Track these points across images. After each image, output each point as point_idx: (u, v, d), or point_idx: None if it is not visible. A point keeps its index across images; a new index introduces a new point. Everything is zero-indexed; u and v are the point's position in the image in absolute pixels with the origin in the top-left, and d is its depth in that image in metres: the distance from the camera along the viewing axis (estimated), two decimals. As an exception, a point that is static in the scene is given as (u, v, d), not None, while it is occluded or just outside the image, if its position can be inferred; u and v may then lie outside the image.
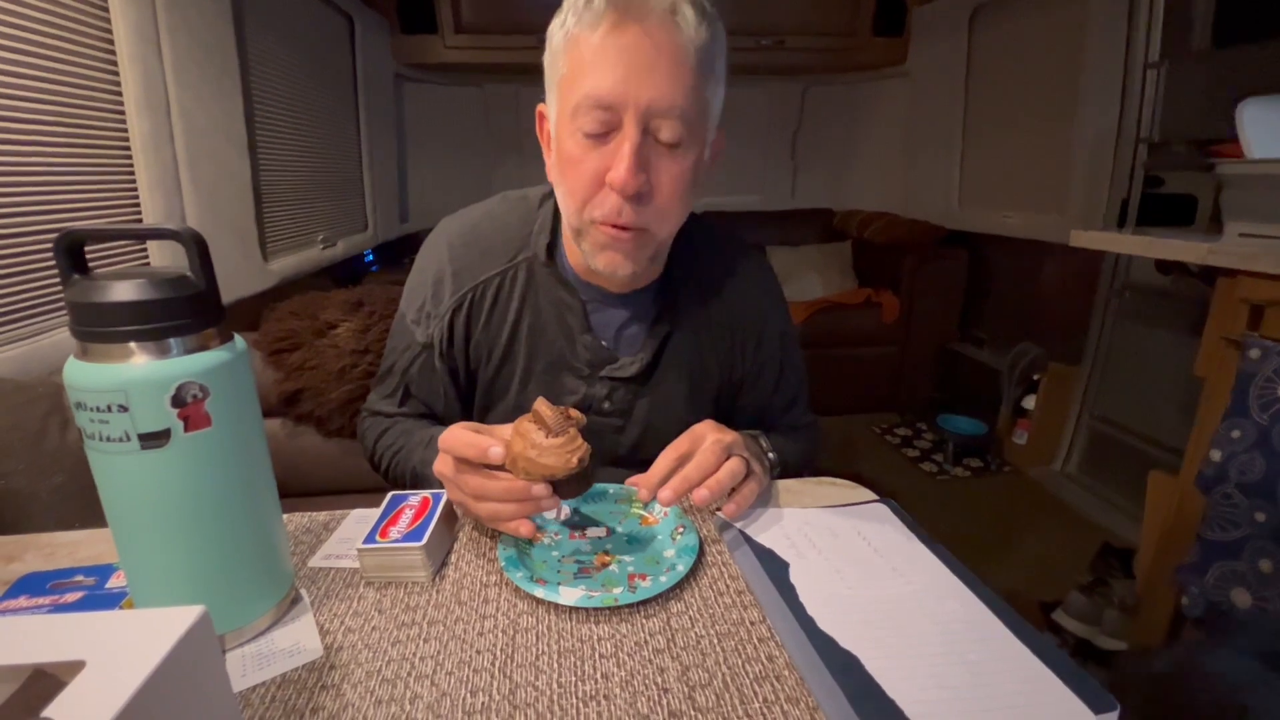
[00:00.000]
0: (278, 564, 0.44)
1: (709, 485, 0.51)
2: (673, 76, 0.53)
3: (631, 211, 0.56)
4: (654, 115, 0.53)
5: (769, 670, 0.40)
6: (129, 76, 1.11)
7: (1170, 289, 1.81)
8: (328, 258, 1.95)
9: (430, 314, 0.68)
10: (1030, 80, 2.16)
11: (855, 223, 2.95)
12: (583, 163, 0.55)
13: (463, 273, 0.68)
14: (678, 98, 0.53)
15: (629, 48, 0.52)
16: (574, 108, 0.54)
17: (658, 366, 0.70)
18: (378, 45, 2.35)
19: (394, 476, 0.69)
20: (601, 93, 0.52)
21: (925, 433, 2.52)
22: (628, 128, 0.53)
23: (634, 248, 0.59)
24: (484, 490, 0.49)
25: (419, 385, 0.71)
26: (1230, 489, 0.96)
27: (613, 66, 0.52)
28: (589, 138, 0.55)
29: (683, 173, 0.57)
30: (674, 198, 0.57)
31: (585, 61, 0.53)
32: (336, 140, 2.09)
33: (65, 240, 0.36)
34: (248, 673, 0.39)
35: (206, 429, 0.37)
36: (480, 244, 0.68)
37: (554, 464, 0.46)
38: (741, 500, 0.54)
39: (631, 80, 0.52)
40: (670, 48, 0.52)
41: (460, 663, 0.40)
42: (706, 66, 0.55)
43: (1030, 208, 2.20)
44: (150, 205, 1.17)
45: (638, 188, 0.54)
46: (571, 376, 0.69)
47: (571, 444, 0.47)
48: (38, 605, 0.43)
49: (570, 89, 0.55)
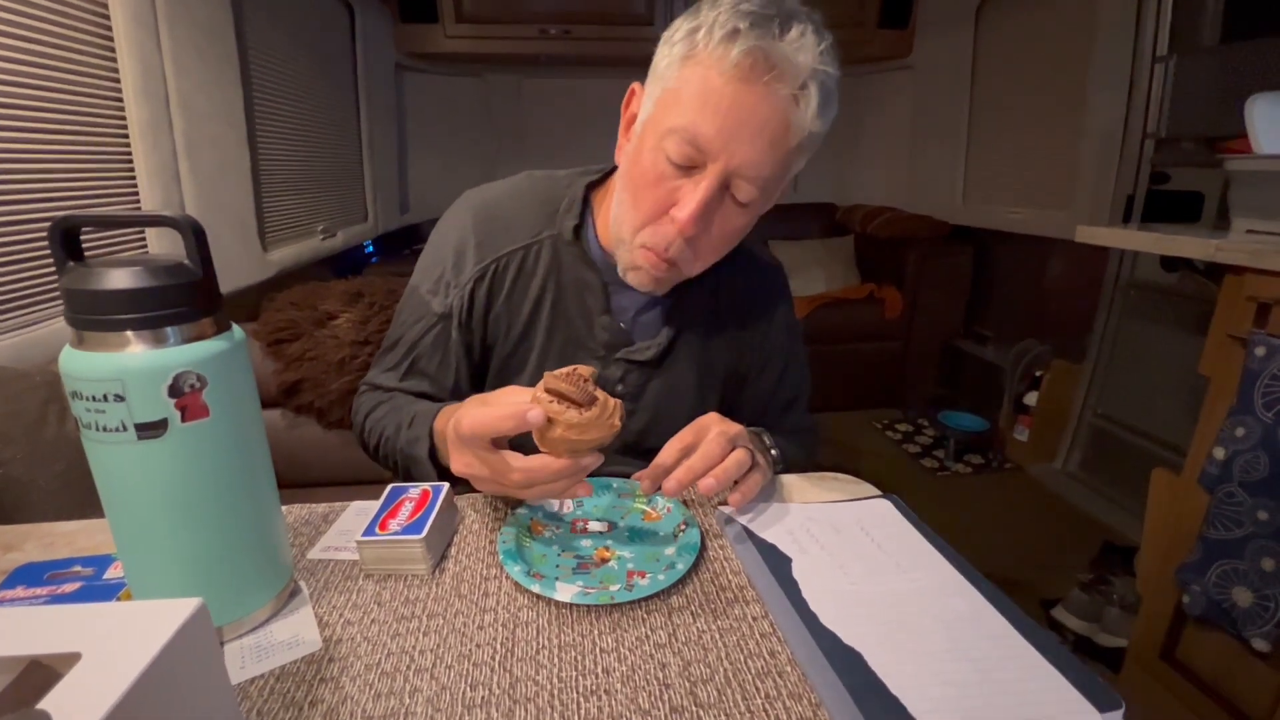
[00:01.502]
0: (276, 556, 0.44)
1: (715, 474, 0.51)
2: (771, 149, 0.54)
3: (679, 248, 0.58)
4: (738, 175, 0.55)
5: (771, 666, 0.39)
6: (127, 64, 1.10)
7: (1175, 286, 1.80)
8: (327, 248, 1.94)
9: (450, 283, 0.68)
10: (1036, 75, 2.14)
11: (859, 217, 2.93)
12: (656, 186, 0.57)
13: (485, 243, 0.68)
14: (766, 168, 0.55)
15: (746, 105, 0.52)
16: (668, 128, 0.55)
17: (671, 352, 0.70)
18: (378, 34, 2.33)
19: (384, 455, 0.66)
20: (700, 134, 0.53)
21: (927, 429, 2.52)
22: (709, 176, 0.55)
23: (666, 278, 0.62)
24: (532, 476, 0.47)
25: (429, 358, 0.69)
26: (1234, 487, 0.96)
27: (723, 114, 0.52)
28: (669, 163, 0.55)
29: (738, 228, 0.60)
30: (721, 245, 0.61)
31: (697, 91, 0.53)
32: (336, 130, 2.08)
33: (60, 226, 0.35)
34: (246, 665, 0.39)
35: (204, 419, 0.37)
36: (504, 218, 0.68)
37: (600, 435, 0.45)
38: (746, 491, 0.54)
39: (735, 136, 0.53)
40: (782, 122, 0.53)
41: (460, 656, 0.40)
42: (805, 148, 0.57)
43: (1035, 203, 2.18)
44: (149, 194, 1.16)
45: (696, 233, 0.57)
46: (587, 356, 0.69)
47: (605, 409, 0.45)
48: (35, 596, 0.43)
49: (672, 105, 0.55)
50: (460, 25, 2.49)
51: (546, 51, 2.54)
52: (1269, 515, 0.91)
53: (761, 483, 0.56)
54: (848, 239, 2.98)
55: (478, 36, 2.51)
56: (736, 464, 0.52)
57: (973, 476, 2.19)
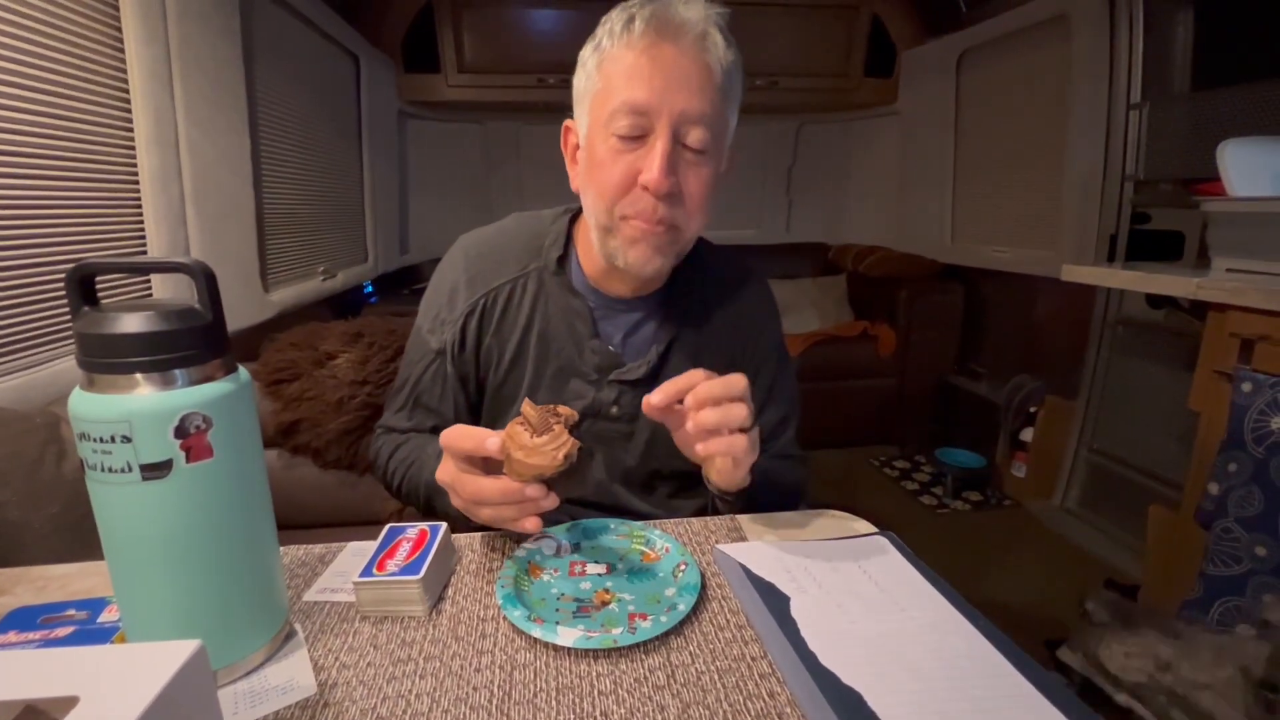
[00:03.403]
0: (273, 598, 0.44)
1: (719, 411, 0.51)
2: (702, 90, 0.59)
3: (665, 209, 0.61)
4: (684, 122, 0.59)
5: (770, 707, 0.39)
6: (141, 114, 1.14)
7: (1162, 322, 1.83)
8: (328, 289, 1.96)
9: (445, 320, 0.71)
10: (1018, 119, 2.22)
11: (850, 256, 2.99)
12: (614, 165, 0.60)
13: (476, 279, 0.71)
14: (706, 108, 0.59)
15: (665, 63, 0.58)
16: (609, 114, 0.59)
17: (663, 370, 0.71)
18: (382, 83, 2.41)
19: (407, 492, 0.69)
20: (638, 100, 0.58)
21: (924, 465, 2.51)
22: (660, 132, 0.59)
23: (665, 243, 0.63)
24: (480, 494, 0.50)
25: (429, 393, 0.72)
26: (1230, 523, 0.96)
27: (649, 78, 0.58)
28: (622, 140, 0.60)
29: (707, 178, 0.62)
30: (700, 200, 0.63)
31: (621, 74, 0.59)
32: (340, 174, 2.13)
33: (78, 273, 0.37)
34: (240, 710, 0.38)
35: (208, 460, 0.37)
36: (494, 254, 0.72)
37: (541, 463, 0.47)
38: (727, 445, 0.53)
39: (667, 90, 0.58)
40: (701, 65, 0.59)
41: (457, 700, 0.39)
42: (729, 86, 0.61)
43: (1022, 243, 2.23)
44: (156, 238, 1.18)
45: (669, 188, 0.60)
46: (580, 381, 0.70)
47: (556, 441, 0.47)
48: (28, 640, 0.42)
49: (605, 100, 0.60)
50: (461, 75, 2.59)
51: (544, 99, 2.63)
52: (1267, 551, 0.91)
53: (744, 448, 0.54)
54: (840, 278, 3.02)
55: (478, 85, 2.60)
56: (734, 414, 0.52)
57: (972, 514, 2.17)
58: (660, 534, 0.58)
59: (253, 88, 1.47)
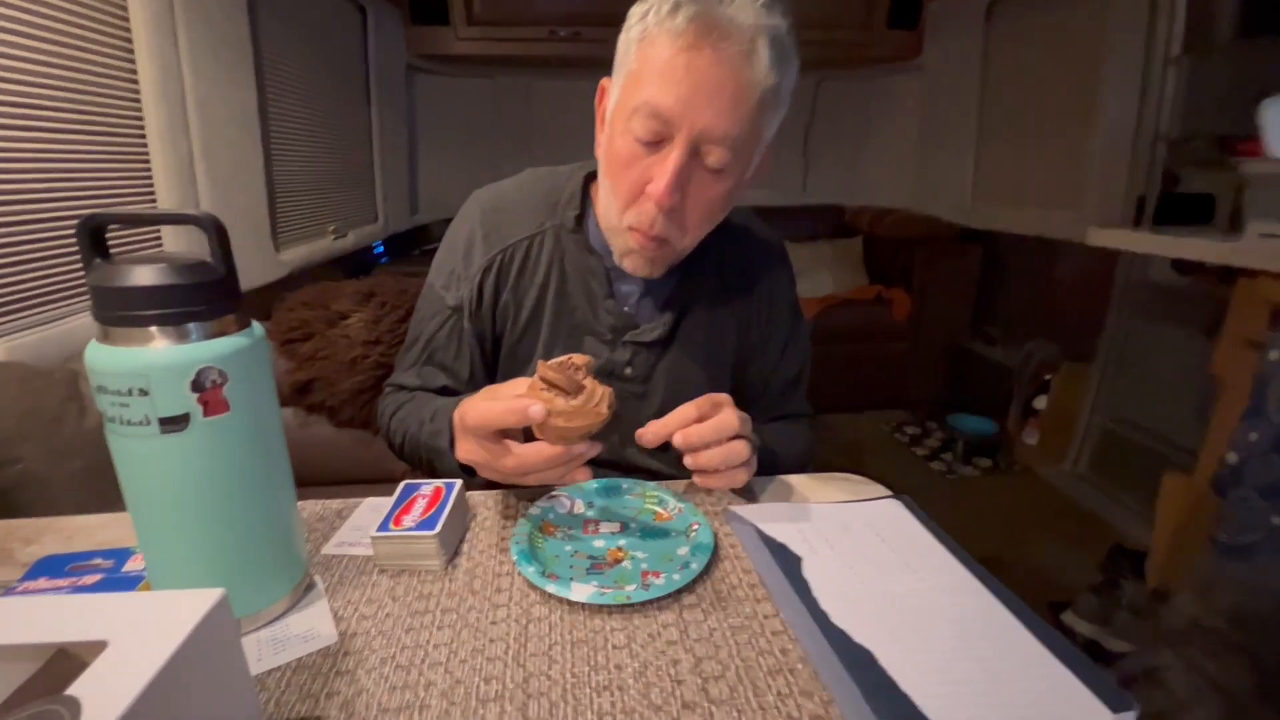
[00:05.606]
0: (293, 549, 0.44)
1: (716, 453, 0.53)
2: (732, 109, 0.54)
3: (663, 224, 0.59)
4: (705, 140, 0.55)
5: (783, 664, 0.40)
6: (146, 67, 1.11)
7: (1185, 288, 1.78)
8: (338, 249, 1.95)
9: (460, 276, 0.70)
10: (1047, 75, 2.13)
11: (867, 219, 2.92)
12: (630, 167, 0.58)
13: (492, 235, 0.70)
14: (732, 128, 0.55)
15: (698, 70, 0.53)
16: (633, 108, 0.56)
17: (678, 333, 0.71)
18: (389, 36, 2.34)
19: (409, 453, 0.69)
20: (661, 105, 0.54)
21: (935, 431, 2.50)
22: (677, 146, 0.55)
23: (657, 256, 0.63)
24: (525, 466, 0.49)
25: (444, 351, 0.71)
26: (1247, 491, 0.95)
27: (678, 83, 0.53)
28: (639, 142, 0.57)
29: (718, 195, 0.59)
30: (702, 217, 0.61)
31: (654, 67, 0.54)
32: (348, 131, 2.09)
33: (88, 225, 0.36)
34: (263, 657, 0.40)
35: (225, 414, 0.37)
36: (510, 210, 0.71)
37: (586, 423, 0.47)
38: (727, 480, 0.56)
39: (693, 102, 0.53)
40: (737, 81, 0.53)
41: (474, 651, 0.40)
42: (769, 104, 0.57)
43: (1045, 205, 2.17)
44: (165, 194, 1.17)
45: (672, 205, 0.57)
46: (595, 341, 0.70)
47: (593, 398, 0.47)
48: (57, 587, 0.44)
49: (634, 87, 0.56)
50: (471, 27, 2.50)
51: (556, 53, 2.55)
52: (1283, 520, 0.91)
53: (744, 480, 0.57)
54: (855, 240, 2.97)
55: (488, 39, 2.52)
56: (734, 452, 0.54)
57: (982, 479, 2.17)
58: (673, 494, 0.58)
59: (258, 40, 1.44)
